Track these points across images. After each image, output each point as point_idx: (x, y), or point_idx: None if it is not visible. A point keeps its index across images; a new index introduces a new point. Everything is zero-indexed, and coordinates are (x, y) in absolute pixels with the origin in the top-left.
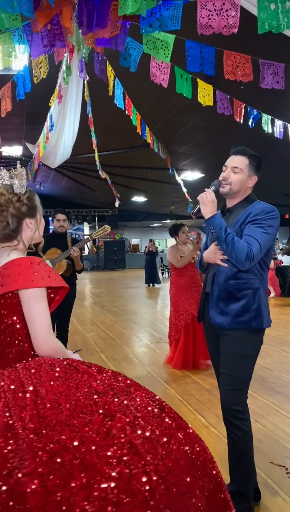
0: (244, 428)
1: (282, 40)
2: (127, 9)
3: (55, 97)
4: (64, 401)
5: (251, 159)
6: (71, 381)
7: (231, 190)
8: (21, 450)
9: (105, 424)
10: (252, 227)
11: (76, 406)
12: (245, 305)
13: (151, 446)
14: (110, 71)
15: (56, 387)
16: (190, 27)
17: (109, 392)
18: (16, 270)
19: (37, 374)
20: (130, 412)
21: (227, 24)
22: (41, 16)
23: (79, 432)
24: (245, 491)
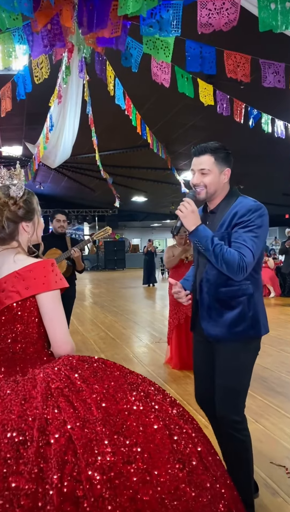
0: (243, 438)
1: (282, 40)
2: (127, 9)
3: (55, 97)
4: (112, 394)
5: (215, 155)
6: (108, 373)
7: (208, 194)
8: (98, 438)
9: (155, 411)
10: (241, 232)
11: (124, 397)
12: (241, 314)
13: (185, 425)
14: (110, 71)
15: (100, 380)
16: (190, 27)
17: (141, 383)
18: (42, 273)
19: (77, 370)
20: (151, 390)
21: (228, 21)
22: (41, 16)
23: (141, 419)
24: (245, 498)
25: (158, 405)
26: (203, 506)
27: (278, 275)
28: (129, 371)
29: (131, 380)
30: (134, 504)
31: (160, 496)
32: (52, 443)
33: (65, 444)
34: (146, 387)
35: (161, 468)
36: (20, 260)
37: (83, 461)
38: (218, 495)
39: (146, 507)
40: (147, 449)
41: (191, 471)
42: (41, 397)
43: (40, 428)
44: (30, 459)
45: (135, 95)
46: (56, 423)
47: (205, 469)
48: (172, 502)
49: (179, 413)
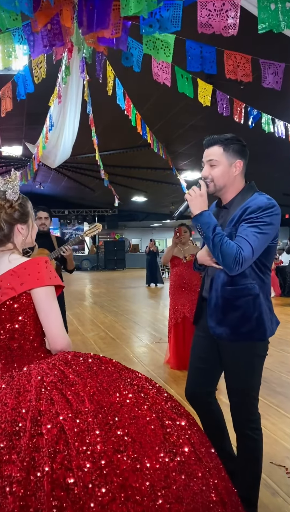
0: (256, 437)
1: (282, 40)
2: (129, 10)
3: (54, 97)
4: (108, 385)
5: (225, 146)
6: (103, 369)
7: (217, 187)
8: (89, 428)
9: (141, 394)
10: (245, 227)
11: (117, 391)
12: (245, 315)
13: (177, 417)
14: (110, 71)
15: (94, 375)
16: (190, 27)
17: (135, 378)
18: (36, 269)
19: (72, 365)
20: (146, 385)
21: (227, 25)
22: (41, 16)
23: (132, 412)
24: (250, 497)
25: (152, 399)
26: (194, 494)
27: (278, 275)
28: (125, 367)
29: (126, 375)
30: (124, 491)
31: (151, 484)
32: (44, 433)
33: (57, 434)
34: (140, 382)
35: (152, 457)
36: (14, 259)
37: (74, 450)
38: (211, 485)
39: (136, 494)
40: (138, 439)
41: (182, 461)
42: (35, 390)
43: (32, 419)
44: (23, 449)
45: (135, 95)
46: (49, 415)
47: (197, 460)
48: (162, 490)
49: (173, 407)
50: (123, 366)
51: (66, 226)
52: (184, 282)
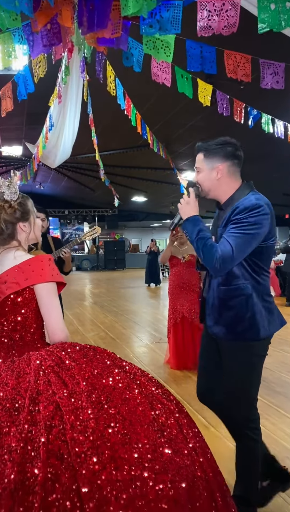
0: (255, 437)
1: (282, 40)
2: (128, 10)
3: (54, 97)
4: (102, 371)
5: (205, 152)
6: (98, 357)
7: (204, 191)
8: (83, 406)
9: (140, 387)
10: (230, 227)
11: (110, 377)
12: (238, 315)
13: (170, 404)
14: (110, 71)
15: (90, 362)
16: (190, 27)
17: (126, 365)
18: (40, 266)
19: (69, 352)
20: (138, 372)
21: (227, 24)
22: (41, 16)
23: (122, 395)
24: (249, 497)
25: (143, 384)
26: (179, 467)
27: (278, 275)
28: (119, 358)
29: (119, 363)
30: (113, 461)
31: (139, 456)
32: (41, 410)
33: (53, 410)
34: (133, 370)
35: (140, 434)
36: (19, 256)
37: (68, 425)
38: (196, 462)
39: (124, 463)
40: (128, 417)
41: (170, 439)
42: (33, 373)
43: (31, 397)
44: (21, 422)
45: (135, 95)
46: (46, 394)
47: (184, 439)
48: (150, 462)
49: (163, 393)
50: (118, 356)
51: (66, 226)
52: (183, 282)
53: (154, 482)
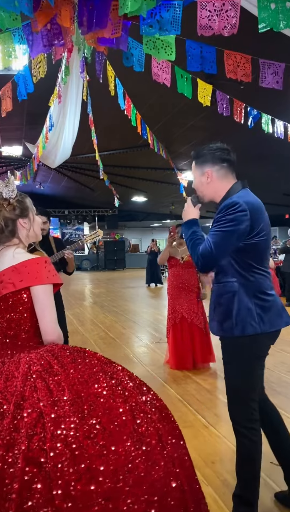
0: (253, 438)
1: (282, 40)
2: (126, 8)
3: (54, 97)
4: (88, 378)
5: (195, 160)
6: (87, 363)
7: (200, 197)
8: (65, 415)
9: (123, 396)
10: (212, 226)
11: (96, 384)
12: (226, 311)
13: (154, 413)
14: (110, 71)
15: (78, 366)
16: (190, 26)
17: (115, 373)
18: (35, 268)
19: (58, 356)
20: (133, 389)
21: (227, 25)
22: (41, 16)
23: (106, 403)
24: (247, 497)
25: (128, 392)
26: (154, 481)
27: (278, 275)
28: (108, 361)
29: (107, 369)
30: (89, 472)
31: (114, 468)
32: (25, 417)
33: (36, 418)
34: (119, 376)
35: (118, 445)
36: (18, 254)
37: (49, 434)
38: (172, 473)
39: (99, 475)
40: (108, 428)
41: (147, 450)
42: (21, 377)
43: (16, 403)
44: (4, 428)
45: (135, 95)
46: (31, 400)
47: (162, 450)
48: (124, 474)
49: (148, 401)
50: (107, 360)
51: (66, 226)
52: (182, 282)
53: (126, 496)
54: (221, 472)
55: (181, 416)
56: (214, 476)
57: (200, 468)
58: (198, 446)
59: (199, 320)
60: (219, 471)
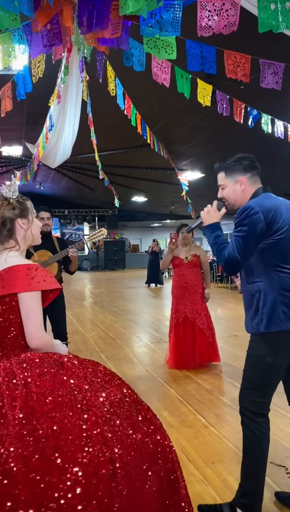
0: (253, 430)
1: (282, 40)
2: (127, 9)
3: (54, 97)
4: (49, 394)
5: (226, 170)
6: (57, 376)
7: (230, 205)
8: (10, 435)
9: (82, 418)
10: (232, 233)
11: (59, 400)
12: (256, 309)
13: (118, 437)
14: (110, 71)
15: (44, 381)
16: (190, 27)
17: (88, 389)
18: (16, 276)
19: (27, 368)
20: (104, 407)
21: (227, 23)
22: (41, 16)
23: (59, 423)
24: (246, 488)
25: (92, 411)
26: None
27: None
28: (83, 375)
29: (79, 384)
30: (9, 499)
31: (40, 503)
32: None
33: None
34: (87, 395)
35: (53, 476)
36: (10, 258)
37: None
38: (113, 490)
39: (22, 505)
40: (50, 453)
41: (88, 474)
42: None
43: None
44: None
45: (135, 95)
46: None
47: (107, 462)
48: (48, 504)
49: (110, 403)
50: (82, 373)
51: (66, 226)
52: (186, 282)
53: None
54: (221, 472)
55: (181, 416)
56: (214, 476)
57: (200, 468)
58: (198, 446)
59: (202, 320)
60: (219, 471)
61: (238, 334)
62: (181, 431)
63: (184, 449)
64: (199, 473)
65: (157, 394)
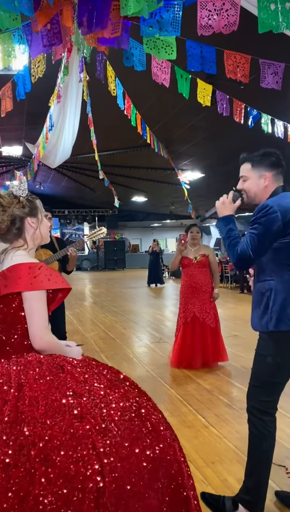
0: (259, 428)
1: (282, 40)
2: (129, 10)
3: (54, 97)
4: (42, 399)
5: (253, 162)
6: (54, 380)
7: (249, 198)
8: None
9: (73, 425)
10: (248, 229)
11: (52, 405)
12: (265, 307)
13: (112, 449)
14: (110, 71)
15: (39, 385)
16: (190, 27)
17: (85, 395)
18: (18, 274)
19: (25, 370)
20: (100, 415)
21: (227, 23)
22: (41, 16)
23: (48, 430)
24: (249, 485)
25: (86, 419)
26: None
27: None
28: (83, 380)
29: (77, 390)
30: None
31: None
32: None
33: None
34: (82, 401)
35: (35, 487)
36: (16, 257)
37: None
38: (96, 491)
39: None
40: (33, 464)
41: (73, 488)
42: None
43: None
44: None
45: (135, 95)
46: None
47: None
48: None
49: (110, 419)
50: (82, 378)
51: (66, 226)
52: (195, 282)
53: None
54: (221, 472)
55: (181, 416)
56: (214, 476)
57: (200, 468)
58: (198, 446)
59: (211, 320)
60: (219, 471)
61: (238, 334)
62: (181, 431)
63: (184, 449)
64: (199, 473)
65: (157, 394)
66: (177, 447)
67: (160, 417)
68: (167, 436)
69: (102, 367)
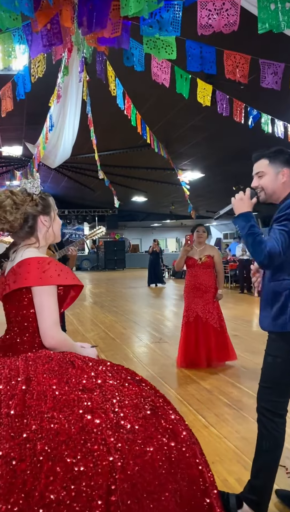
0: (270, 429)
1: (282, 40)
2: (129, 10)
3: (54, 97)
4: (51, 393)
5: (270, 158)
6: (64, 375)
7: (267, 195)
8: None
9: (83, 419)
10: (274, 227)
11: (60, 399)
12: (282, 307)
13: (125, 445)
14: (110, 71)
15: (48, 379)
16: (190, 26)
17: (96, 390)
18: (26, 269)
19: (33, 365)
20: (112, 410)
21: (227, 23)
22: (41, 16)
23: (56, 424)
24: (255, 484)
25: (96, 413)
26: None
27: None
28: (95, 375)
29: (87, 385)
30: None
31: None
32: None
33: None
34: (94, 396)
35: (41, 482)
36: (26, 253)
37: None
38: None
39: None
40: (36, 457)
41: (76, 488)
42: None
43: None
44: None
45: (135, 95)
46: None
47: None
48: None
49: (123, 416)
50: (93, 374)
51: (66, 226)
52: (199, 282)
53: None
54: (221, 472)
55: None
56: (214, 476)
57: None
58: None
59: (214, 320)
60: (219, 471)
61: (238, 334)
62: None
63: None
64: None
65: None
66: (197, 450)
67: (178, 418)
68: (186, 438)
69: (116, 367)
